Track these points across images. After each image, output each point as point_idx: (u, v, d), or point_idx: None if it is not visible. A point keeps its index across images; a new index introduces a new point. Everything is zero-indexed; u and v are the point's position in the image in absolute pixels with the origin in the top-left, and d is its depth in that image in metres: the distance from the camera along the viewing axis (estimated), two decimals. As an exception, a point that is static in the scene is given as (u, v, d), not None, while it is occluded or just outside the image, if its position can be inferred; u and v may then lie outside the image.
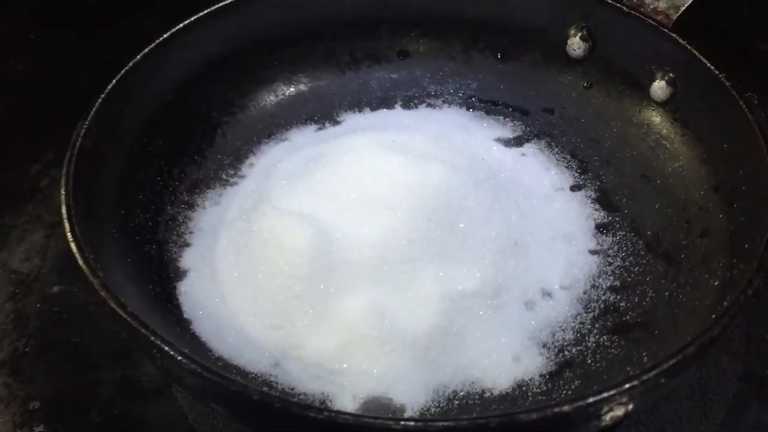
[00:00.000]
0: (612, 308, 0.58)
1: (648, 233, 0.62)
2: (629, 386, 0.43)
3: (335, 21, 0.73)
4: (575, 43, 0.71)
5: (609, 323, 0.57)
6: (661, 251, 0.61)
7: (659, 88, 0.67)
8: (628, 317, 0.58)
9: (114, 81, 0.61)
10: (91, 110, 0.59)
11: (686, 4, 0.67)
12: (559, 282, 0.59)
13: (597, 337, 0.57)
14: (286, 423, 0.45)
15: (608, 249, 0.62)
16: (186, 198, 0.65)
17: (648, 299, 0.58)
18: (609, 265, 0.61)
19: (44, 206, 0.72)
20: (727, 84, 0.60)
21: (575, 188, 0.66)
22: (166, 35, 0.65)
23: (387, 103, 0.73)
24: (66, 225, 0.52)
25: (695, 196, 0.62)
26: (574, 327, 0.57)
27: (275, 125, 0.71)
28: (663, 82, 0.66)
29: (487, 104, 0.73)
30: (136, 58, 0.63)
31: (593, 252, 0.62)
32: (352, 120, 0.72)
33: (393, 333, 0.54)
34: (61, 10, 0.91)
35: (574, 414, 0.43)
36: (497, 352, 0.55)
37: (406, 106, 0.73)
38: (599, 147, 0.69)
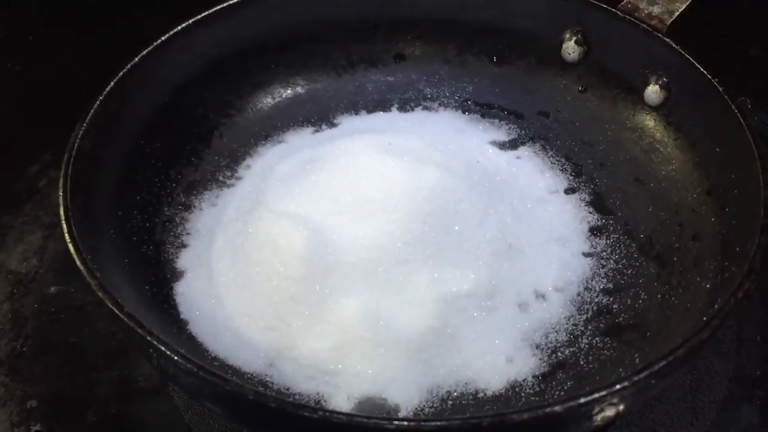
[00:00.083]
0: (605, 310, 0.58)
1: (641, 236, 0.63)
2: (620, 387, 0.43)
3: (332, 24, 0.73)
4: (570, 48, 0.71)
5: (602, 325, 0.58)
6: (654, 254, 0.61)
7: (653, 93, 0.67)
8: (621, 319, 0.58)
9: (112, 83, 0.61)
10: (89, 112, 0.59)
11: (680, 10, 0.68)
12: (553, 284, 0.59)
13: (590, 339, 0.57)
14: (281, 422, 0.46)
15: (602, 252, 0.62)
16: (183, 199, 0.66)
17: (640, 301, 0.59)
18: (602, 268, 0.61)
19: (42, 207, 0.72)
20: (720, 89, 0.61)
21: (569, 191, 0.67)
22: (164, 38, 0.65)
23: (383, 106, 0.74)
24: (64, 225, 0.52)
25: (688, 200, 0.62)
26: (567, 329, 0.57)
27: (272, 127, 0.72)
28: (657, 87, 0.67)
29: (483, 107, 0.73)
30: (134, 61, 0.63)
31: (587, 255, 0.62)
32: (349, 122, 0.72)
33: (387, 334, 0.54)
34: (61, 10, 0.91)
35: (566, 414, 0.43)
36: (491, 353, 0.55)
37: (402, 109, 0.73)
38: (593, 150, 0.69)
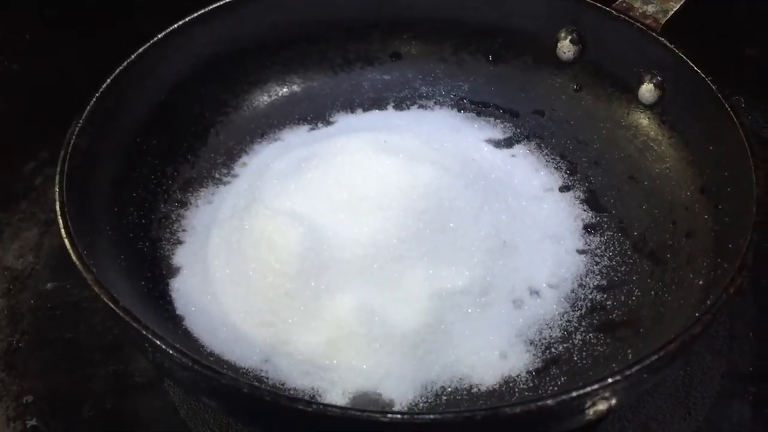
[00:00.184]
0: (599, 307, 0.59)
1: (635, 233, 0.63)
2: (612, 381, 0.44)
3: (328, 23, 0.74)
4: (565, 47, 0.71)
5: (595, 321, 0.58)
6: (648, 251, 0.62)
7: (647, 91, 0.67)
8: (615, 315, 0.58)
9: (108, 81, 0.61)
10: (86, 109, 0.59)
11: (674, 9, 0.68)
12: (547, 281, 0.60)
13: (583, 335, 0.57)
14: (276, 416, 0.46)
15: (596, 249, 0.62)
16: (179, 196, 0.66)
17: (634, 298, 0.59)
18: (596, 265, 0.61)
19: (38, 204, 0.72)
20: (714, 87, 0.61)
21: (564, 189, 0.67)
22: (160, 36, 0.66)
23: (379, 104, 0.74)
24: (60, 221, 0.52)
25: (681, 198, 0.63)
26: (561, 325, 0.58)
27: (268, 125, 0.72)
28: (651, 85, 0.67)
29: (478, 106, 0.74)
30: (131, 58, 0.63)
31: (581, 252, 0.62)
32: (345, 121, 0.73)
33: (382, 330, 0.54)
34: (61, 10, 0.91)
35: (558, 408, 0.43)
36: (485, 349, 0.55)
37: (398, 108, 0.74)
38: (588, 149, 0.70)
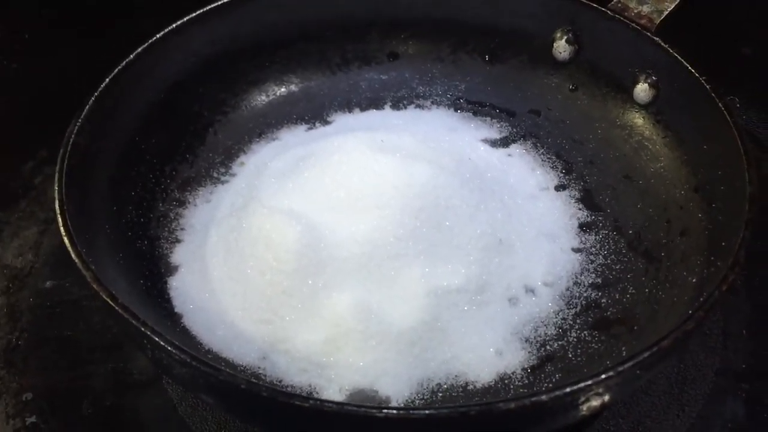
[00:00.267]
0: (593, 304, 0.59)
1: (630, 232, 0.63)
2: (605, 377, 0.44)
3: (326, 23, 0.74)
4: (561, 47, 0.72)
5: (590, 319, 0.58)
6: (642, 250, 0.62)
7: (642, 91, 0.68)
8: (609, 313, 0.59)
9: (107, 80, 0.62)
10: (85, 108, 0.59)
11: (669, 9, 0.68)
12: (542, 279, 0.60)
13: (578, 333, 0.58)
14: (274, 412, 0.46)
15: (591, 247, 0.63)
16: (177, 195, 0.66)
17: (628, 296, 0.59)
18: (591, 263, 0.62)
19: (38, 203, 0.72)
20: (708, 87, 0.61)
21: (560, 188, 0.67)
22: (159, 35, 0.66)
23: (376, 104, 0.74)
24: (59, 219, 0.53)
25: (676, 196, 0.63)
26: (556, 322, 0.58)
27: (266, 125, 0.72)
28: (646, 85, 0.67)
29: (475, 106, 0.74)
30: (130, 58, 0.64)
31: (576, 250, 0.63)
32: (342, 120, 0.73)
33: (379, 327, 0.55)
34: (61, 10, 0.92)
35: (552, 403, 0.44)
36: (481, 347, 0.56)
37: (395, 107, 0.74)
38: (583, 148, 0.70)
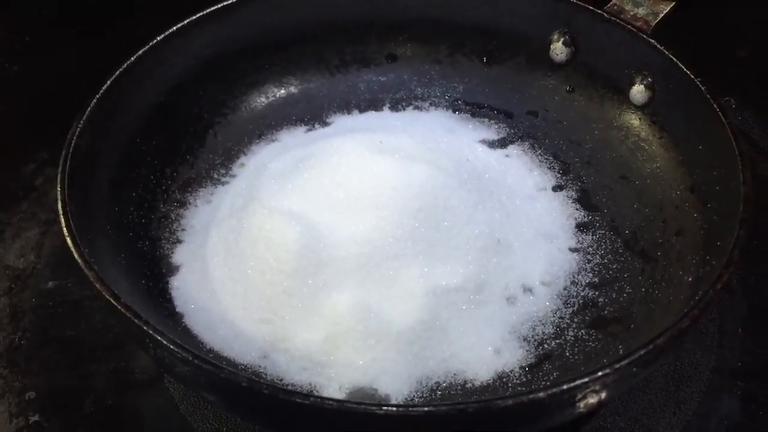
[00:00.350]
0: (590, 304, 0.60)
1: (626, 232, 0.64)
2: (602, 374, 0.45)
3: (325, 25, 0.74)
4: (558, 48, 0.72)
5: (587, 318, 0.59)
6: (639, 249, 0.62)
7: (638, 92, 0.68)
8: (606, 312, 0.59)
9: (108, 81, 0.62)
10: (86, 110, 0.60)
11: (664, 12, 0.69)
12: (540, 278, 0.61)
13: (576, 331, 0.58)
14: (275, 410, 0.47)
15: (588, 247, 0.63)
16: (178, 196, 0.67)
17: (625, 295, 0.60)
18: (588, 263, 0.62)
19: (39, 205, 0.72)
20: (703, 88, 0.62)
21: (557, 188, 0.68)
22: (160, 38, 0.66)
23: (375, 105, 0.75)
24: (62, 220, 0.53)
25: (672, 197, 0.63)
26: (554, 321, 0.59)
27: (266, 126, 0.73)
28: (642, 86, 0.68)
29: (473, 107, 0.74)
30: (130, 60, 0.64)
31: (573, 250, 0.63)
32: (341, 121, 0.73)
33: (378, 327, 0.55)
34: (61, 10, 0.92)
35: (549, 401, 0.44)
36: (479, 346, 0.56)
37: (394, 109, 0.74)
38: (581, 149, 0.70)
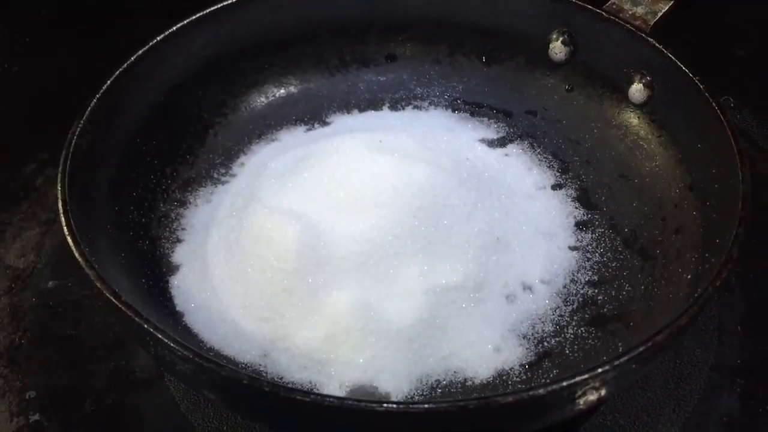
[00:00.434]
0: (590, 301, 0.60)
1: (625, 230, 0.64)
2: (601, 371, 0.45)
3: (325, 25, 0.75)
4: (557, 48, 0.72)
5: (587, 316, 0.59)
6: (638, 247, 0.63)
7: (637, 91, 0.68)
8: (605, 310, 0.59)
9: (108, 81, 0.62)
10: (86, 109, 0.60)
11: (663, 11, 0.69)
12: (540, 276, 0.61)
13: (575, 329, 0.58)
14: (275, 408, 0.47)
15: (587, 245, 0.63)
16: (178, 196, 0.67)
17: (624, 293, 0.60)
18: (588, 261, 0.62)
19: (39, 204, 0.73)
20: (702, 87, 0.62)
21: (556, 187, 0.68)
22: (160, 38, 0.67)
23: (375, 105, 0.75)
24: (62, 219, 0.53)
25: (671, 195, 0.64)
26: (554, 319, 0.59)
27: (265, 126, 0.73)
28: (641, 85, 0.68)
29: (472, 106, 0.75)
30: (130, 60, 0.64)
31: (573, 248, 0.63)
32: (341, 121, 0.74)
33: (378, 325, 0.55)
34: (61, 10, 0.92)
35: (549, 397, 0.44)
36: (479, 344, 0.56)
37: (394, 108, 0.75)
38: (580, 148, 0.71)
